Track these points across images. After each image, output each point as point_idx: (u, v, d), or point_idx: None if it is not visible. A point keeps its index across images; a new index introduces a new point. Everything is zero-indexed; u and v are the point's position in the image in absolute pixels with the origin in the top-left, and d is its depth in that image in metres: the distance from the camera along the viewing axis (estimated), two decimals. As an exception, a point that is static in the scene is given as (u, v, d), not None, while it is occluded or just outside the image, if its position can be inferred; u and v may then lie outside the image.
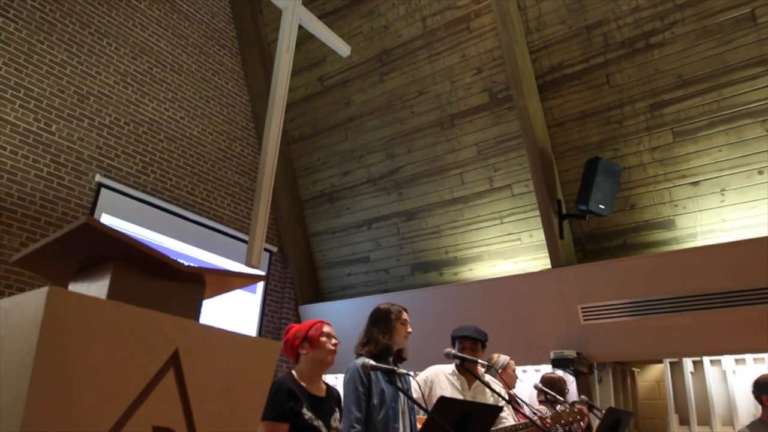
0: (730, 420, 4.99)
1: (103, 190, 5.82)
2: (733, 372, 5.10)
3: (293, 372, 2.30)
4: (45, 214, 5.39)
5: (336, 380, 6.80)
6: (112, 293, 1.24)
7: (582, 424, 4.13)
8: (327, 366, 2.34)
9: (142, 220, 6.03)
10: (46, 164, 5.48)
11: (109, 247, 1.24)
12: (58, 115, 5.63)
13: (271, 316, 7.32)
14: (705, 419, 5.09)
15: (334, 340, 2.37)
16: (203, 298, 1.42)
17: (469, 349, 3.13)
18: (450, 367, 3.21)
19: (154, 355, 1.16)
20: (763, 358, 5.00)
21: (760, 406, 3.41)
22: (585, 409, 3.65)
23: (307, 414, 2.16)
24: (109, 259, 1.29)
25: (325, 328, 2.37)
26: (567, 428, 3.84)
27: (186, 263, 1.35)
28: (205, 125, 7.03)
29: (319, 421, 2.19)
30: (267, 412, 2.09)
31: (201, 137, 6.94)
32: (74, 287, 1.38)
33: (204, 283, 1.38)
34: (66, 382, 1.05)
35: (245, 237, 6.77)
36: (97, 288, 1.28)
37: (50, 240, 1.24)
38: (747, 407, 4.94)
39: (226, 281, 1.44)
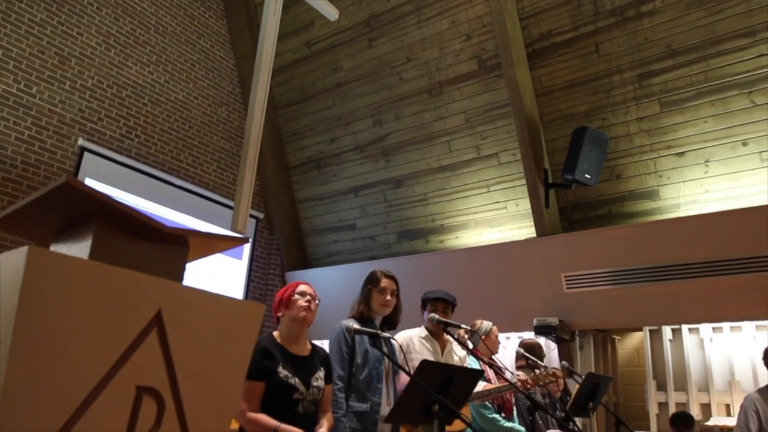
0: (705, 386, 5.14)
1: (86, 154, 5.74)
2: (711, 340, 5.23)
3: (273, 333, 2.32)
4: (27, 178, 5.32)
5: (322, 345, 6.85)
6: (93, 254, 1.23)
7: (557, 385, 4.28)
8: (303, 322, 2.33)
9: (126, 185, 5.97)
10: (27, 127, 5.38)
11: (90, 208, 1.22)
12: (39, 77, 5.51)
13: (257, 282, 7.34)
14: (682, 385, 5.24)
15: (308, 297, 2.35)
16: (187, 261, 1.42)
17: (441, 311, 3.16)
18: (422, 332, 3.24)
19: (137, 316, 1.16)
20: (739, 327, 5.13)
21: (738, 372, 3.50)
22: (558, 371, 3.76)
23: (282, 372, 2.17)
24: (90, 220, 1.28)
25: (300, 287, 2.36)
26: (545, 390, 3.95)
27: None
28: (191, 89, 6.92)
29: (296, 379, 2.20)
30: None
31: (186, 101, 6.84)
32: (55, 248, 1.37)
33: (187, 245, 1.37)
34: (48, 342, 1.05)
35: (231, 203, 6.74)
36: (78, 249, 1.27)
37: (30, 200, 1.22)
38: (722, 374, 5.09)
39: (210, 244, 1.43)
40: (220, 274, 6.70)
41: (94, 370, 1.11)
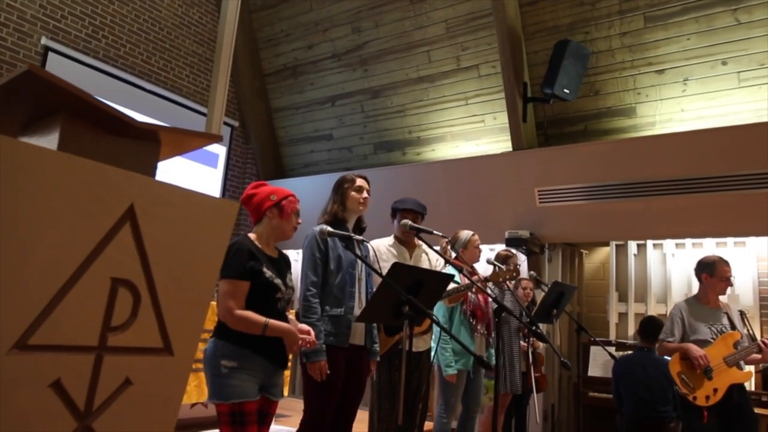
0: (664, 298, 5.40)
1: (50, 54, 5.49)
2: (673, 255, 5.44)
3: (250, 235, 2.33)
4: (-11, 77, 5.10)
5: (298, 255, 6.97)
6: (61, 148, 1.21)
7: (525, 295, 4.45)
8: (286, 238, 2.38)
9: (95, 88, 5.75)
10: (-14, 22, 5.10)
11: (56, 99, 1.19)
12: (-5, -33, 5.16)
13: (232, 192, 7.32)
14: (642, 297, 5.49)
15: (299, 220, 2.40)
16: (158, 158, 1.40)
17: (411, 221, 3.24)
18: (390, 240, 3.35)
19: (109, 209, 1.16)
20: (701, 243, 5.33)
21: (696, 286, 3.66)
22: (518, 262, 3.87)
23: (268, 273, 2.23)
24: (57, 113, 1.24)
25: (297, 206, 2.38)
26: (501, 286, 4.01)
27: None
28: (160, -13, 6.56)
29: (279, 279, 2.27)
30: (228, 271, 2.15)
31: (155, 1, 6.50)
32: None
33: (159, 141, 1.35)
34: (18, 231, 1.05)
35: (205, 110, 6.59)
36: (46, 142, 1.25)
37: (-8, 89, 1.18)
38: (681, 287, 5.33)
39: (182, 141, 1.41)
40: (194, 182, 6.66)
41: (67, 260, 1.11)
